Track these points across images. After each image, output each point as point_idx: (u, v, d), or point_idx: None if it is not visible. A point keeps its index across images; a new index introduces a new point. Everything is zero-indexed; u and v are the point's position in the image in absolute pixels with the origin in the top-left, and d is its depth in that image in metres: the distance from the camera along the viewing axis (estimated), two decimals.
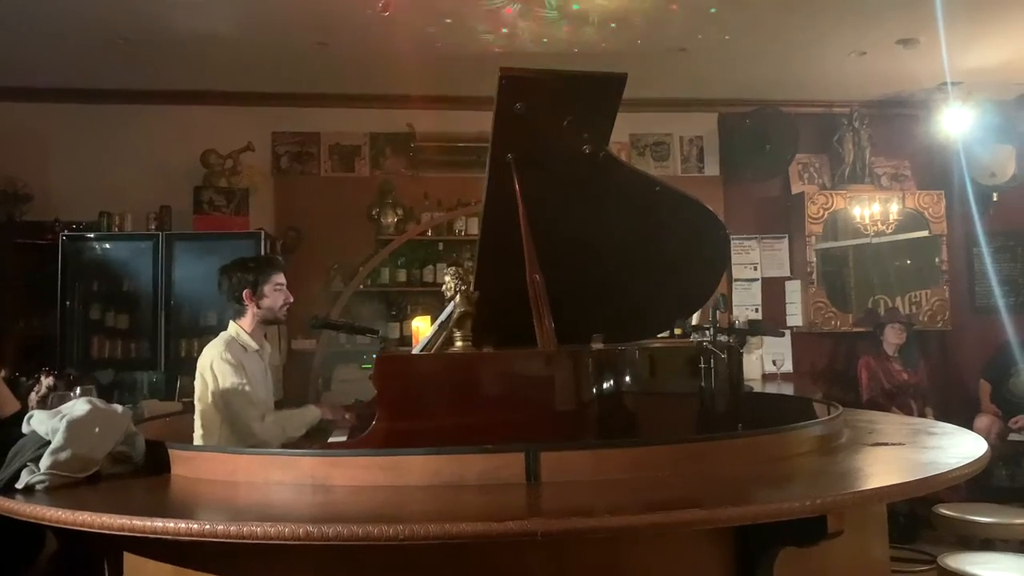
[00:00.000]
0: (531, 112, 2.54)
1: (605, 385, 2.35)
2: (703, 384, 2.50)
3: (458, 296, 2.34)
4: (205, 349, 3.00)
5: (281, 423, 2.87)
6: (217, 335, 3.07)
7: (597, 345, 2.47)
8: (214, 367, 2.90)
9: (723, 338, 2.67)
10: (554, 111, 2.62)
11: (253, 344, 3.04)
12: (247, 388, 2.88)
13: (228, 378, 2.87)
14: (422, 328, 3.16)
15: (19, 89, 5.94)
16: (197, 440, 2.90)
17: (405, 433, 2.09)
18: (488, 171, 2.67)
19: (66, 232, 5.71)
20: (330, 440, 2.87)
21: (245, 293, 3.02)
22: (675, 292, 3.04)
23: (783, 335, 6.14)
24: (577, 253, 2.70)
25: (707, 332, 2.89)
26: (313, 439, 2.96)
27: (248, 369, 2.94)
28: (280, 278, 3.07)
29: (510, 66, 2.49)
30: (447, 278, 2.39)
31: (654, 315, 3.08)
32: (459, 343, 2.34)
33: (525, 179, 2.61)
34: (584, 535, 1.64)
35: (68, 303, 5.66)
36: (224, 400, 2.87)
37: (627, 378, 2.41)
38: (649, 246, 2.88)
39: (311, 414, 2.98)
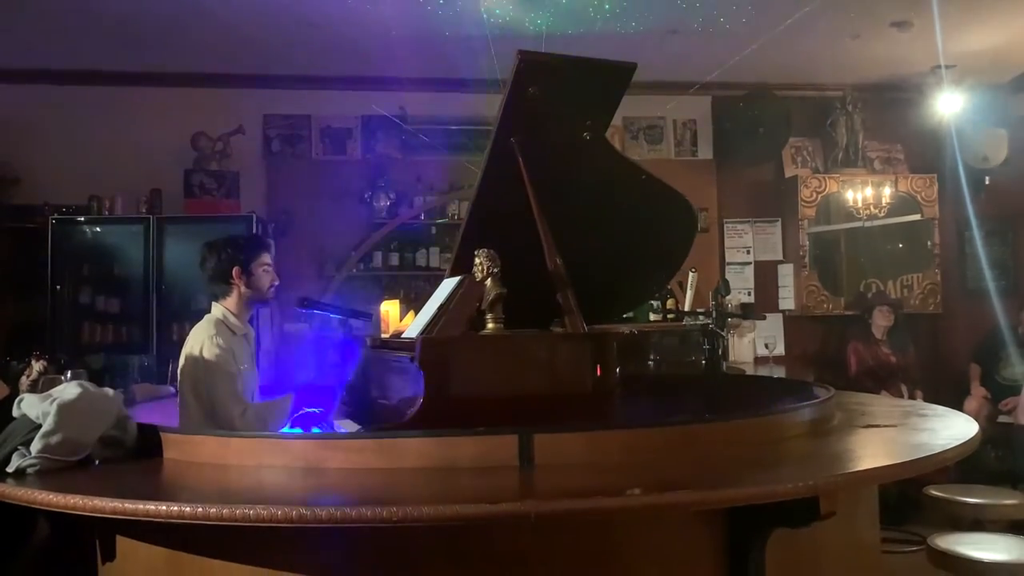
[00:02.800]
0: (542, 97, 2.55)
1: (631, 366, 2.39)
2: (705, 363, 2.55)
3: (490, 279, 2.33)
4: (193, 331, 2.89)
5: (262, 416, 2.75)
6: None
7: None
8: (204, 351, 2.78)
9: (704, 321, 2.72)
10: (564, 97, 2.63)
11: (241, 326, 2.94)
12: (235, 378, 2.77)
13: (217, 365, 2.75)
14: (391, 312, 3.15)
15: (7, 71, 5.87)
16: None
17: (448, 414, 2.08)
18: (489, 153, 2.67)
19: (55, 216, 5.67)
20: (341, 429, 2.77)
21: (235, 271, 2.90)
22: (644, 275, 3.09)
23: (764, 318, 6.14)
24: (563, 236, 2.70)
25: (699, 316, 2.95)
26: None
27: (237, 355, 2.84)
28: (268, 258, 2.98)
29: (529, 50, 2.50)
30: (478, 259, 2.37)
31: (623, 297, 3.11)
32: (491, 325, 2.34)
33: (529, 163, 2.61)
34: (578, 516, 1.65)
35: (58, 287, 5.62)
36: (209, 388, 2.75)
37: (648, 359, 2.47)
38: (625, 230, 2.91)
39: (291, 403, 2.83)
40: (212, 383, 2.75)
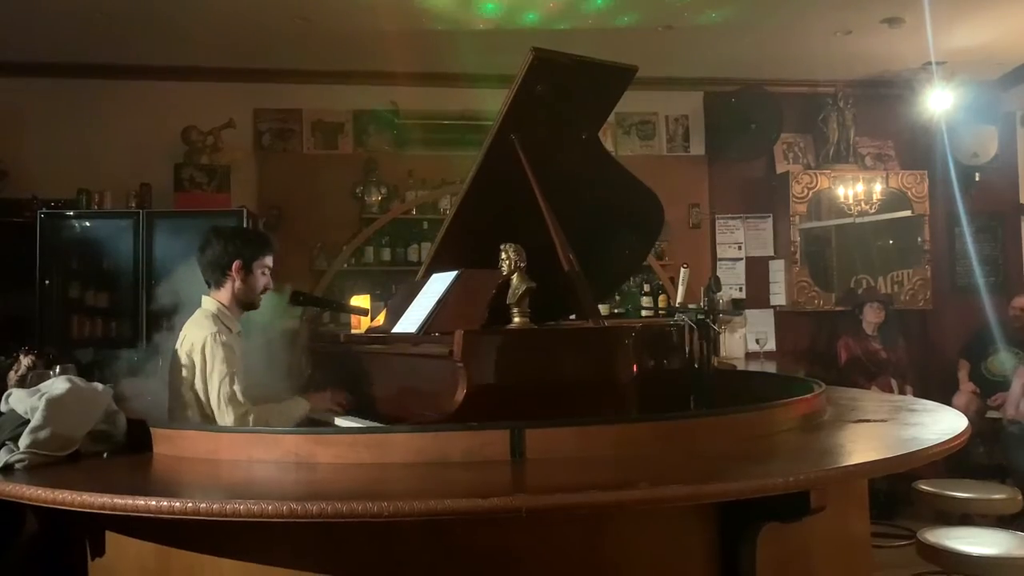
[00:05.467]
0: (548, 94, 2.57)
1: (647, 360, 2.52)
2: (702, 356, 2.61)
3: (516, 273, 2.34)
4: (190, 326, 2.74)
5: (266, 419, 2.57)
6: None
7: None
8: (207, 350, 2.59)
9: (683, 317, 2.77)
10: (568, 96, 2.65)
11: (237, 324, 2.80)
12: (238, 378, 2.60)
13: (221, 365, 2.58)
14: (362, 306, 3.16)
15: None
16: None
17: (487, 407, 2.08)
18: (487, 147, 2.67)
19: (44, 210, 5.63)
20: (349, 424, 2.61)
21: (235, 265, 2.74)
22: (614, 268, 3.16)
23: (740, 314, 6.16)
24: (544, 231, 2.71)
25: (690, 311, 2.99)
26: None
27: (237, 354, 2.67)
28: (270, 261, 2.84)
29: (542, 47, 2.52)
30: (505, 253, 2.37)
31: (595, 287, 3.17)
32: (517, 319, 2.34)
33: (531, 160, 2.62)
34: (569, 511, 1.65)
35: (47, 282, 5.58)
36: (210, 389, 2.58)
37: (660, 352, 2.55)
38: (604, 226, 2.94)
39: (300, 407, 2.66)
40: (214, 382, 2.59)
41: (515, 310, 2.34)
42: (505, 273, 2.35)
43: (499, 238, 2.48)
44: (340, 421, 2.60)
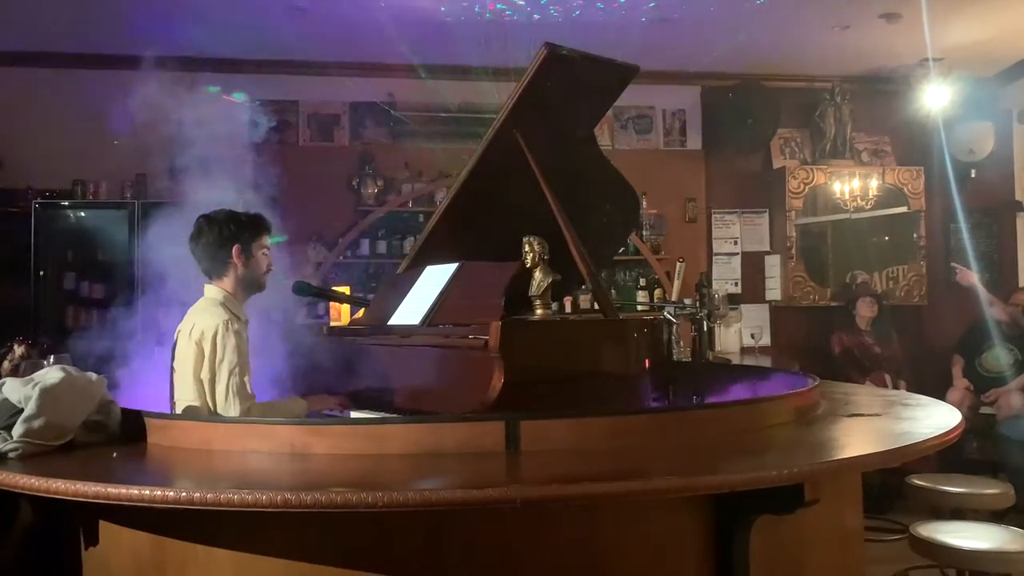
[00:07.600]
0: (554, 91, 2.58)
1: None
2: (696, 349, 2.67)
3: (540, 266, 2.36)
4: (198, 314, 2.62)
5: (267, 415, 2.49)
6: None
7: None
8: (218, 338, 2.48)
9: (671, 312, 2.81)
10: (572, 92, 2.67)
11: (243, 311, 2.69)
12: (246, 370, 2.52)
13: (232, 354, 2.47)
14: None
15: None
16: None
17: (522, 396, 2.08)
18: (489, 141, 2.68)
19: (39, 200, 5.61)
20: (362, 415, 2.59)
21: (235, 250, 2.63)
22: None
23: (725, 313, 6.15)
24: (545, 223, 2.71)
25: (685, 306, 3.02)
26: None
27: (246, 345, 2.58)
28: (268, 241, 2.76)
29: (555, 42, 2.53)
30: (529, 246, 2.38)
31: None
32: (540, 311, 2.36)
33: (536, 155, 2.63)
34: (563, 502, 1.65)
35: (42, 273, 5.57)
36: (219, 378, 2.48)
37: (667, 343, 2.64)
38: (588, 218, 2.93)
39: (299, 406, 2.61)
40: (224, 372, 2.50)
41: (538, 302, 2.36)
42: (528, 265, 2.37)
43: (491, 231, 2.49)
44: (355, 415, 2.58)
